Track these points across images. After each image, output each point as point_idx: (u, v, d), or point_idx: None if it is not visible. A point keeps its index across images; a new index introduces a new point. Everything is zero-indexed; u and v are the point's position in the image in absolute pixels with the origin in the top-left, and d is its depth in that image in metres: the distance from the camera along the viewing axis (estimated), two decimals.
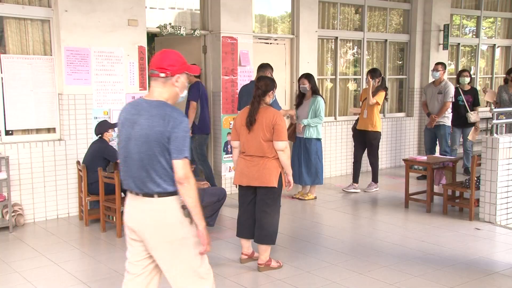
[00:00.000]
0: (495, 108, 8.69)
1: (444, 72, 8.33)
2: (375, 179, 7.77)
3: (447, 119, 8.31)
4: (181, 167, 2.70)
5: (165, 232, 2.77)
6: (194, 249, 2.83)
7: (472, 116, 8.21)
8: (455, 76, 9.30)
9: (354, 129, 7.86)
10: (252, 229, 4.66)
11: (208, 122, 7.34)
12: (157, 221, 2.77)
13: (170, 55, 2.83)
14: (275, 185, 4.49)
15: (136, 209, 2.83)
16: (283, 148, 4.46)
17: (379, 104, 7.47)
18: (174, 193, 2.77)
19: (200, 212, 2.78)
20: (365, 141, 7.66)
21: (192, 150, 7.29)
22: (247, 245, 4.77)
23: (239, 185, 4.70)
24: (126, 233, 2.91)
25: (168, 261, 2.81)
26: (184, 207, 2.78)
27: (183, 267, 2.82)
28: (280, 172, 4.54)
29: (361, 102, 7.81)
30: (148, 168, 2.74)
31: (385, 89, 7.58)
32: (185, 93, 2.94)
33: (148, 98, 2.83)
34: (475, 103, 8.43)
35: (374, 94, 7.39)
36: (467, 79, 8.42)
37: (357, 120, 7.79)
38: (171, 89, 2.83)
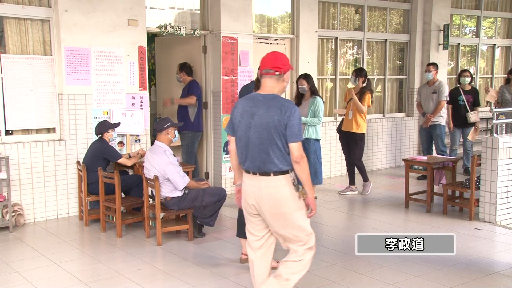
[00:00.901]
0: (495, 108, 8.70)
1: (436, 72, 8.33)
2: (365, 179, 7.58)
3: (442, 118, 8.30)
4: (297, 149, 3.32)
5: (279, 204, 3.36)
6: (302, 217, 3.43)
7: (472, 116, 8.22)
8: (455, 76, 9.30)
9: (339, 130, 7.69)
10: None
11: (202, 121, 7.40)
12: (272, 195, 3.36)
13: (281, 56, 3.45)
14: None
15: (254, 187, 3.40)
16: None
17: (370, 106, 7.36)
18: (286, 172, 3.37)
19: (311, 185, 3.42)
20: (350, 143, 7.48)
21: (183, 146, 7.32)
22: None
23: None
24: (245, 209, 3.52)
25: (282, 228, 3.42)
26: (294, 184, 3.39)
27: (294, 232, 3.42)
28: None
29: (345, 103, 7.65)
30: (268, 150, 3.32)
31: (371, 91, 7.37)
32: None
33: (261, 92, 3.42)
34: (475, 103, 8.41)
35: (360, 96, 7.21)
36: (468, 79, 8.40)
37: (341, 122, 7.64)
38: (282, 84, 3.45)
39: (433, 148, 8.64)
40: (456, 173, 6.80)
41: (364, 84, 7.31)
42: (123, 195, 5.99)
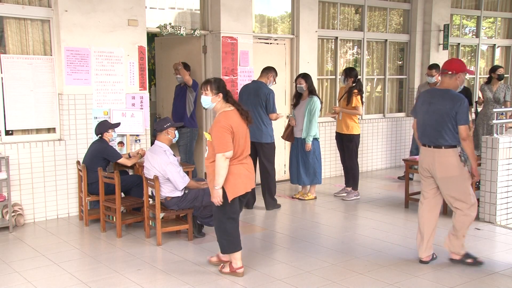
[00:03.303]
0: (479, 107, 8.68)
1: (438, 75, 8.22)
2: (354, 186, 7.34)
3: None
4: (464, 130, 4.43)
5: (448, 170, 4.50)
6: (466, 181, 4.53)
7: None
8: None
9: (336, 131, 7.55)
10: None
11: (196, 118, 7.44)
12: (442, 163, 4.51)
13: (456, 60, 4.68)
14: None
15: (429, 157, 4.58)
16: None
17: (357, 106, 7.06)
18: (454, 146, 4.50)
19: (474, 157, 4.49)
20: (343, 144, 7.35)
21: (182, 146, 7.29)
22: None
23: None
24: (420, 172, 4.72)
25: (449, 188, 4.54)
26: (460, 156, 4.50)
27: (458, 191, 4.51)
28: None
29: (338, 102, 7.52)
30: (440, 130, 4.49)
31: (360, 92, 7.13)
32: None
33: (439, 87, 4.65)
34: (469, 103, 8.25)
35: (348, 97, 7.08)
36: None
37: None
38: (455, 82, 4.56)
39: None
40: None
41: (354, 84, 7.13)
42: (123, 195, 5.99)
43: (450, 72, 4.54)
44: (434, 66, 8.00)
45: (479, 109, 8.69)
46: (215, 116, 4.43)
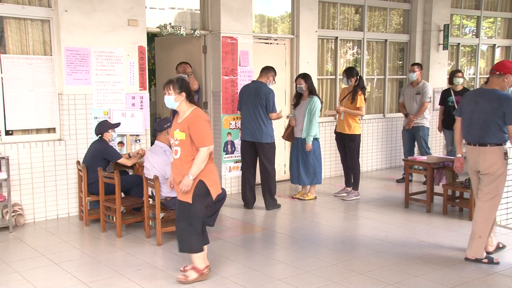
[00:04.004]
0: None
1: (421, 73, 8.19)
2: (355, 186, 7.35)
3: (426, 120, 8.11)
4: None
5: (492, 167, 4.62)
6: (503, 179, 4.68)
7: None
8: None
9: (335, 131, 7.57)
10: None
11: None
12: (487, 160, 4.64)
13: (505, 62, 4.76)
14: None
15: (475, 155, 4.70)
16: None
17: (362, 107, 7.10)
18: (500, 144, 4.62)
19: None
20: (344, 144, 7.36)
21: None
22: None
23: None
24: (469, 171, 4.83)
25: (490, 184, 4.67)
26: (505, 154, 4.64)
27: (491, 188, 4.67)
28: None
29: (339, 102, 7.53)
30: (486, 129, 4.62)
31: (363, 89, 7.15)
32: None
33: (486, 87, 4.78)
34: None
35: (352, 97, 7.09)
36: (461, 80, 8.10)
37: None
38: (502, 83, 4.66)
39: (415, 150, 8.50)
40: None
41: (357, 83, 7.15)
42: (123, 195, 5.99)
43: (498, 73, 4.65)
44: (416, 64, 8.31)
45: None
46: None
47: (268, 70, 6.73)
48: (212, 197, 4.37)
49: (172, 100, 4.28)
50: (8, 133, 6.09)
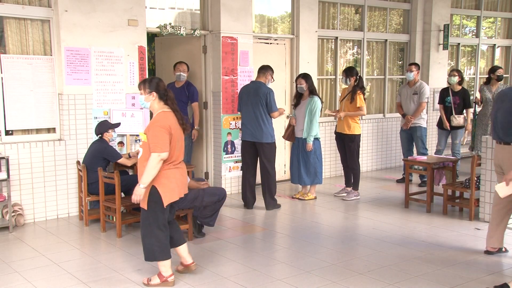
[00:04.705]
0: (479, 108, 8.66)
1: (418, 73, 8.15)
2: (355, 186, 7.36)
3: (423, 120, 8.07)
4: None
5: None
6: None
7: (455, 120, 7.95)
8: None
9: (335, 131, 7.57)
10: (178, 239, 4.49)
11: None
12: (511, 158, 4.64)
13: None
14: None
15: (500, 153, 4.78)
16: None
17: (361, 106, 7.09)
18: None
19: None
20: (344, 144, 7.36)
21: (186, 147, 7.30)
22: (183, 255, 4.50)
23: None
24: (495, 169, 4.94)
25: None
26: None
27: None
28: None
29: (339, 103, 7.52)
30: (509, 128, 4.63)
31: (362, 89, 7.15)
32: None
33: None
34: (465, 105, 8.03)
35: (352, 96, 7.09)
36: (455, 78, 7.97)
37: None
38: None
39: (414, 150, 8.50)
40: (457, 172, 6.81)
41: (356, 83, 7.15)
42: (123, 195, 5.98)
43: None
44: (414, 64, 8.20)
45: (478, 110, 8.68)
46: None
47: (265, 70, 6.73)
48: (163, 204, 4.11)
49: (143, 99, 4.21)
50: (8, 133, 6.09)
